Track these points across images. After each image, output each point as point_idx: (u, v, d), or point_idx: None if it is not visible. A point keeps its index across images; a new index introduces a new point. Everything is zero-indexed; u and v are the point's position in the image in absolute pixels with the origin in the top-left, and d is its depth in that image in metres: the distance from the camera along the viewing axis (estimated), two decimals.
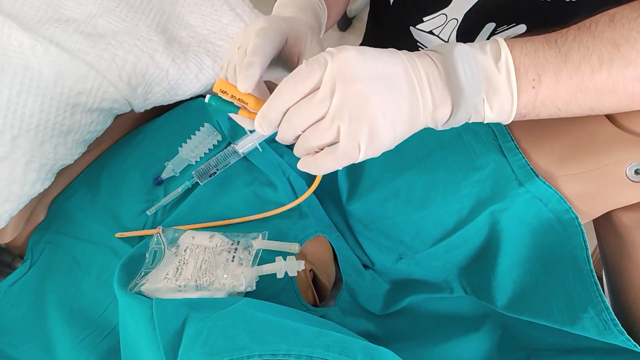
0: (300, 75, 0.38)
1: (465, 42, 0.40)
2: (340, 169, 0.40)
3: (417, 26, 0.69)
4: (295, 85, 0.38)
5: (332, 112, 0.37)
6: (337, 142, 0.38)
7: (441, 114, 0.39)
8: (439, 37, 0.68)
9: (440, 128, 0.41)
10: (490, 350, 0.54)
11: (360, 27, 1.83)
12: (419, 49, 0.63)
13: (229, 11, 0.72)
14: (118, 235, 0.60)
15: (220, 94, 0.42)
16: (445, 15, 0.65)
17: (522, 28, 0.61)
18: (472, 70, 0.38)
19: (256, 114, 0.41)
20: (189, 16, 0.69)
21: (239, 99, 0.42)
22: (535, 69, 0.39)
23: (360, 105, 0.36)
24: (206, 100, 0.44)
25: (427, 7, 0.67)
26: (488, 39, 0.47)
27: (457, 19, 0.64)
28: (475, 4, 0.62)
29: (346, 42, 1.81)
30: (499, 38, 0.40)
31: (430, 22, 0.67)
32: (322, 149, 0.40)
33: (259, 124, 0.40)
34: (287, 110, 0.39)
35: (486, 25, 0.64)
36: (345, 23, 1.79)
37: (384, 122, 0.37)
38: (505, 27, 0.62)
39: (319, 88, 0.38)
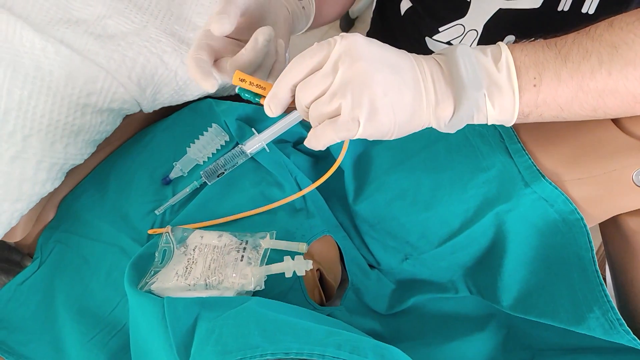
0: (310, 52, 0.40)
1: None
2: (339, 141, 0.41)
3: (434, 37, 0.70)
4: (304, 61, 0.40)
5: (335, 85, 0.38)
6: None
7: (443, 111, 0.40)
8: None
9: (443, 129, 0.42)
10: (495, 350, 0.54)
11: (363, 28, 1.83)
12: None
13: None
14: (151, 231, 0.61)
15: (239, 83, 0.44)
16: (463, 26, 0.65)
17: None
18: (473, 66, 0.39)
19: None
20: (197, 18, 0.69)
21: (256, 85, 0.44)
22: (535, 68, 0.40)
23: (363, 80, 0.38)
24: (237, 90, 0.46)
25: (443, 17, 0.67)
26: None
27: (476, 31, 0.64)
28: (494, 15, 0.63)
29: None
30: (500, 42, 0.41)
31: (446, 32, 0.68)
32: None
33: (268, 105, 0.42)
34: (295, 86, 0.41)
35: (506, 38, 0.65)
36: (347, 24, 1.80)
37: (384, 101, 0.38)
38: (525, 41, 0.63)
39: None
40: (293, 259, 0.51)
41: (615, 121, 0.49)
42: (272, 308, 0.45)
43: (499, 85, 0.39)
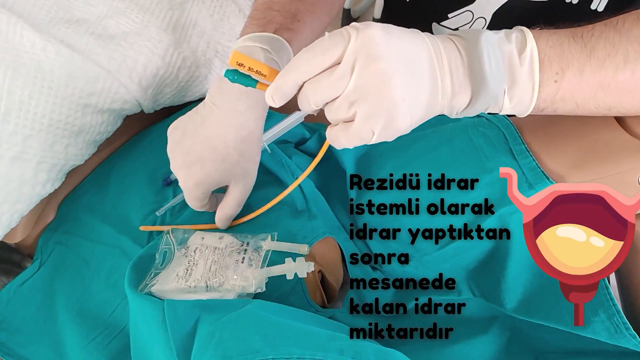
0: (321, 47, 0.36)
1: None
2: (351, 147, 0.39)
3: (442, 23, 0.68)
4: (315, 57, 0.36)
5: (350, 91, 0.36)
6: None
7: (459, 101, 0.39)
8: None
9: (454, 116, 0.41)
10: (498, 352, 0.54)
11: None
12: None
13: (238, 12, 0.72)
14: (142, 227, 0.60)
15: (236, 67, 0.41)
16: (472, 12, 0.64)
17: None
18: (496, 60, 0.37)
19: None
20: (198, 17, 0.69)
21: (256, 70, 0.40)
22: (559, 63, 0.38)
23: (381, 86, 0.35)
24: (222, 74, 0.42)
25: (452, 2, 0.66)
26: None
27: (484, 19, 0.63)
28: (503, 5, 0.62)
29: None
30: (525, 28, 0.39)
31: (455, 18, 0.66)
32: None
33: (271, 96, 0.39)
34: (303, 82, 0.38)
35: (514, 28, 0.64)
36: (348, 24, 1.79)
37: (403, 106, 0.36)
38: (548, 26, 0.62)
39: (338, 63, 0.36)
40: (294, 260, 0.50)
41: (621, 122, 0.48)
42: (273, 311, 0.44)
43: (520, 80, 0.38)
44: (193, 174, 0.52)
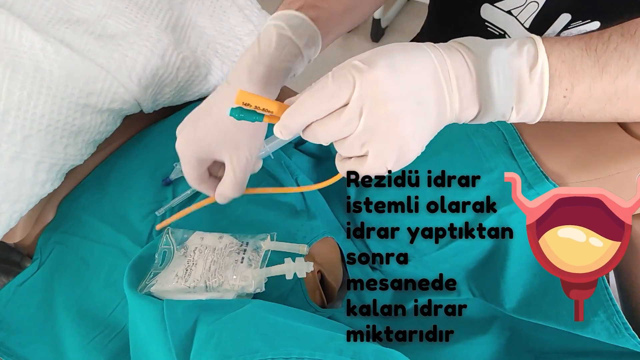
0: (326, 92, 0.36)
1: (539, 29, 0.39)
2: None
3: (496, 4, 0.67)
4: (320, 104, 0.37)
5: (360, 132, 0.36)
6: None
7: (467, 115, 0.39)
8: (517, 19, 0.66)
9: (462, 122, 0.41)
10: (497, 353, 0.54)
11: (364, 27, 1.82)
12: (487, 28, 0.62)
13: (238, 12, 0.72)
14: (159, 226, 0.60)
15: (242, 106, 0.40)
16: None
17: (595, 25, 0.60)
18: (505, 79, 0.37)
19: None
20: (198, 17, 0.69)
21: (263, 108, 0.40)
22: (569, 78, 0.38)
23: (391, 127, 0.36)
24: (227, 113, 0.41)
25: None
26: (560, 32, 0.46)
27: (537, 3, 0.62)
28: None
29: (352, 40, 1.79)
30: (538, 39, 0.39)
31: (508, 1, 0.65)
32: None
33: (279, 131, 0.39)
34: (310, 122, 0.38)
35: (561, 16, 0.62)
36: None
37: (413, 140, 0.37)
38: (580, 22, 0.60)
39: (345, 105, 0.36)
40: (294, 260, 0.50)
41: (621, 123, 0.48)
42: (273, 311, 0.44)
43: (529, 96, 0.38)
44: (186, 134, 0.52)
